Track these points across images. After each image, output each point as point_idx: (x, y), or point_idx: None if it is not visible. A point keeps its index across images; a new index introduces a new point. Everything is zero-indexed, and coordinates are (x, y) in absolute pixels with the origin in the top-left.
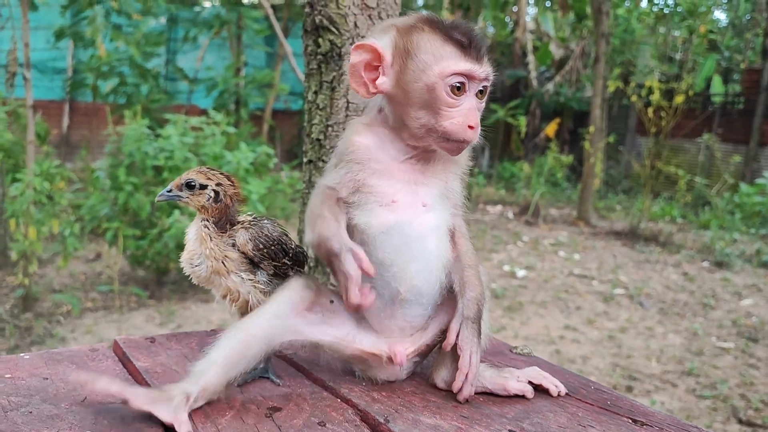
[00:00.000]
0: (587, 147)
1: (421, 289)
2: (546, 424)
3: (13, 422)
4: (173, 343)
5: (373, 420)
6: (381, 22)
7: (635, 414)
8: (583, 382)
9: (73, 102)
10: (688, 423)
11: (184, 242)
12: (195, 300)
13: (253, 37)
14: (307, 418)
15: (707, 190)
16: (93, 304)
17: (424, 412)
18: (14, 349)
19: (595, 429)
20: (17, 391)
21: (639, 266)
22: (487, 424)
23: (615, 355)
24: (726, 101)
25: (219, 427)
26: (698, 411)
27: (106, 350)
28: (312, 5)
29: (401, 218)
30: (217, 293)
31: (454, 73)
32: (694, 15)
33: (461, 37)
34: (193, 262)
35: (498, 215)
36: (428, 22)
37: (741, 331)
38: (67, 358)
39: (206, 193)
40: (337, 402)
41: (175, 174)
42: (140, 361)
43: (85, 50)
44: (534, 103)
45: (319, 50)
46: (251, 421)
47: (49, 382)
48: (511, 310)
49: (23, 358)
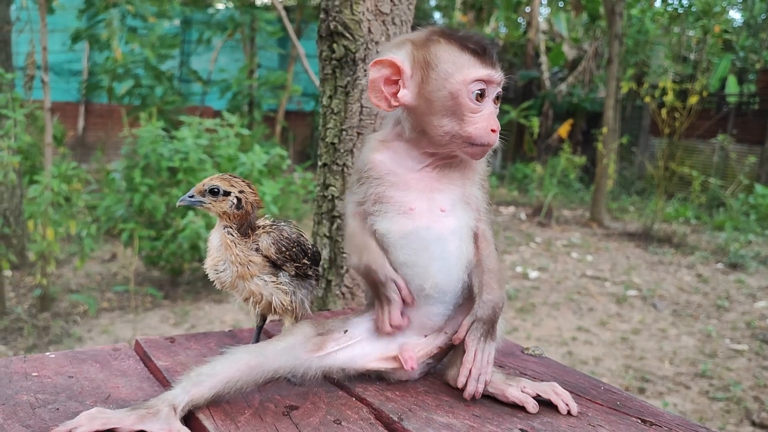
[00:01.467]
0: (600, 148)
1: (444, 286)
2: (556, 423)
3: (41, 419)
4: (192, 343)
5: (387, 418)
6: (394, 29)
7: (644, 414)
8: (593, 383)
9: (89, 104)
10: (697, 423)
11: (207, 248)
12: (209, 300)
13: (266, 38)
14: (323, 416)
15: (722, 192)
16: (109, 304)
17: (437, 410)
18: (32, 349)
19: (604, 429)
20: (44, 389)
21: (652, 268)
22: (499, 422)
23: (628, 356)
24: (741, 101)
25: (238, 425)
26: (711, 413)
27: (128, 350)
28: (327, 11)
29: (419, 224)
30: (239, 297)
31: (476, 79)
32: (709, 15)
33: (476, 46)
34: (218, 268)
35: (511, 216)
36: (442, 33)
37: (755, 333)
38: (91, 357)
39: (229, 200)
40: (352, 401)
41: (190, 175)
42: (161, 361)
43: (100, 53)
44: (547, 103)
45: (334, 55)
46: (269, 420)
47: (74, 380)
48: (524, 311)
49: (49, 357)
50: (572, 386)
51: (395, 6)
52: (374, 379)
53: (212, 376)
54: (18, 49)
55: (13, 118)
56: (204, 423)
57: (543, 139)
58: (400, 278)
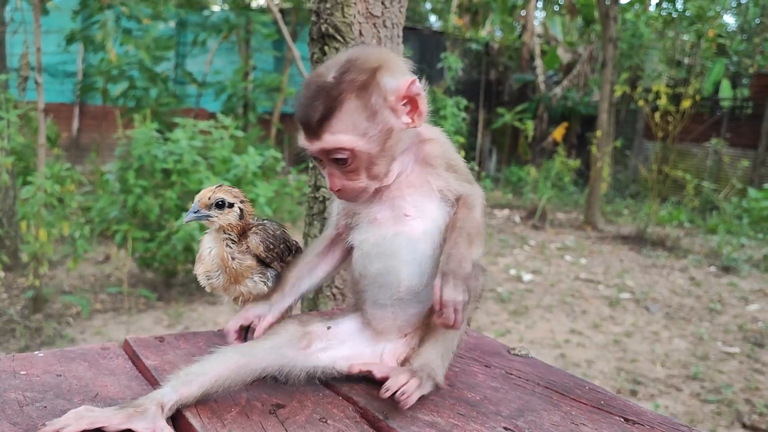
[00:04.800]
0: (595, 151)
1: (417, 288)
2: (540, 422)
3: (29, 416)
4: (181, 343)
5: (372, 417)
6: (385, 32)
7: (627, 413)
8: (578, 382)
9: (83, 105)
10: (679, 422)
11: (198, 253)
12: (202, 302)
13: (261, 41)
14: (309, 414)
15: (715, 195)
16: (102, 305)
17: (422, 409)
18: (24, 350)
19: (587, 427)
20: (32, 387)
21: (645, 271)
22: (483, 421)
23: (620, 359)
24: (734, 106)
25: (225, 423)
26: (702, 415)
27: (117, 349)
28: (318, 14)
29: (385, 232)
30: (229, 297)
31: (302, 147)
32: (703, 19)
33: (297, 118)
34: (211, 276)
35: (505, 219)
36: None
37: (747, 336)
38: (80, 356)
39: (234, 211)
40: (339, 399)
41: (184, 177)
42: (149, 360)
43: (95, 54)
44: (541, 107)
45: (325, 58)
46: (256, 418)
47: (63, 378)
48: (517, 314)
49: (37, 356)
50: (558, 386)
51: (386, 9)
52: (361, 379)
53: (201, 375)
54: (12, 50)
55: (6, 119)
56: (191, 421)
57: (538, 143)
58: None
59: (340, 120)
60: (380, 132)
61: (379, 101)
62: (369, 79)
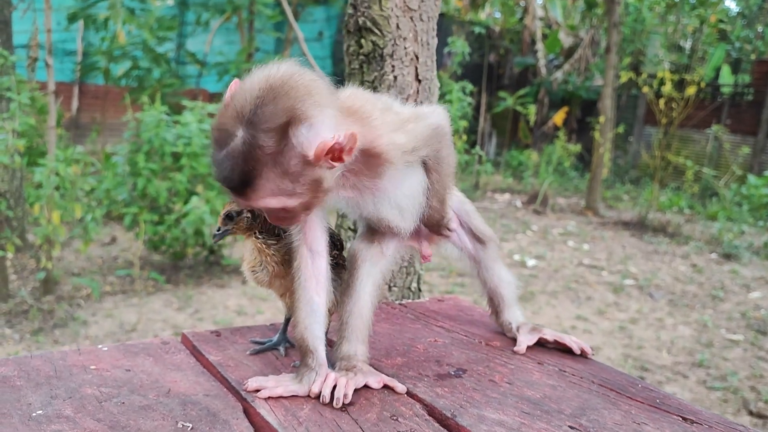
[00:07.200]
0: (597, 137)
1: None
2: (602, 422)
3: (110, 413)
4: (238, 337)
5: (440, 414)
6: (422, 25)
7: (684, 412)
8: (630, 380)
9: (83, 84)
10: (735, 422)
11: (243, 252)
12: (211, 285)
13: (264, 22)
14: (379, 412)
15: (715, 182)
16: (111, 288)
17: (487, 407)
18: (38, 332)
19: (649, 427)
20: (105, 383)
21: (648, 257)
22: (548, 420)
23: (626, 345)
24: (735, 92)
25: (300, 420)
26: (709, 402)
27: (177, 344)
28: (355, 6)
29: (375, 208)
30: (277, 293)
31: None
32: (705, 4)
33: (215, 177)
34: (255, 269)
35: (506, 204)
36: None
37: (750, 323)
38: (143, 351)
39: (244, 216)
40: (404, 397)
41: (193, 160)
42: (212, 355)
43: (96, 33)
44: (542, 91)
45: (362, 51)
46: (329, 415)
47: (132, 374)
48: (523, 299)
49: (102, 350)
50: (612, 383)
51: (423, 2)
52: (423, 376)
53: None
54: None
55: (18, 100)
56: (267, 418)
57: (538, 127)
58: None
59: (262, 187)
60: (308, 184)
61: (297, 165)
62: (280, 140)
